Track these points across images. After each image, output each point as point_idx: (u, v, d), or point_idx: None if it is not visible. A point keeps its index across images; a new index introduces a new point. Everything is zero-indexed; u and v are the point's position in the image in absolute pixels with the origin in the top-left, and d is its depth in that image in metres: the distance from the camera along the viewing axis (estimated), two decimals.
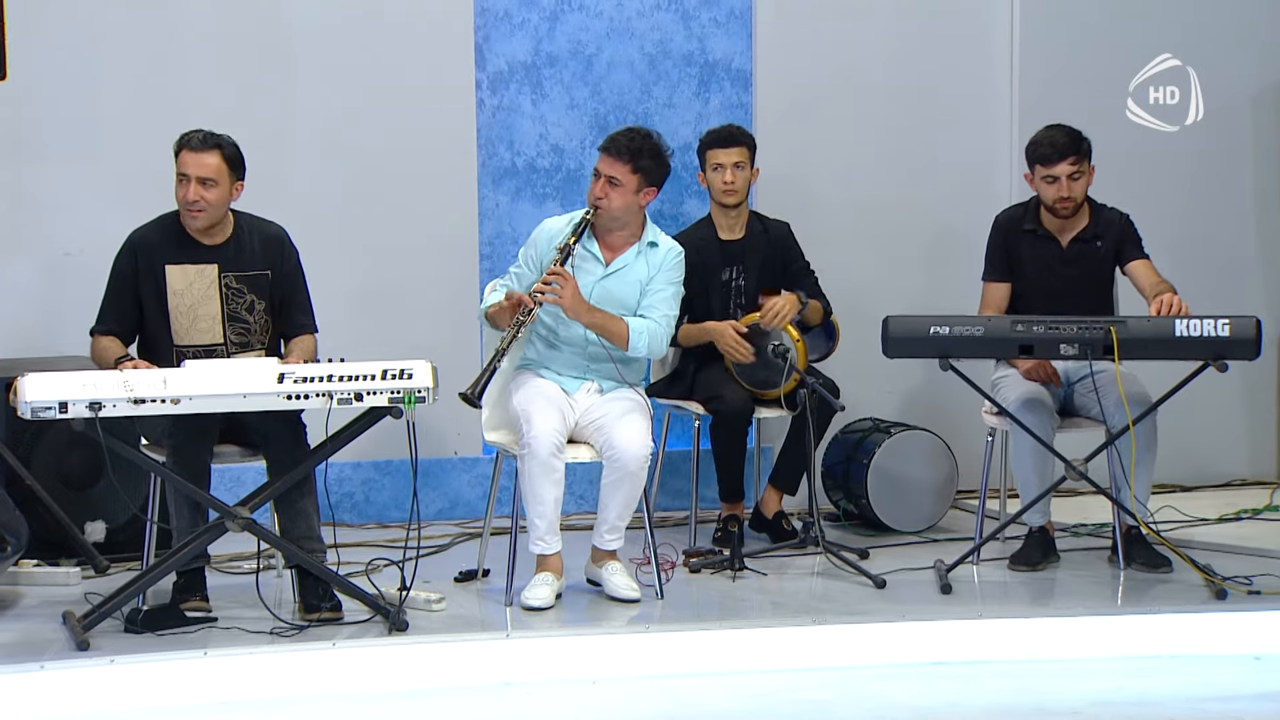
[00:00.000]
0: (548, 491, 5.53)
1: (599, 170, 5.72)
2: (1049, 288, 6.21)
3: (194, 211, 5.48)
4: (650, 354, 5.80)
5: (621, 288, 5.79)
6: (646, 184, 5.73)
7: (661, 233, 5.93)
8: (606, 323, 5.69)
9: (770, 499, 6.57)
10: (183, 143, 5.51)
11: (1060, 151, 6.08)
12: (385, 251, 6.91)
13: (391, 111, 6.88)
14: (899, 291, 7.18)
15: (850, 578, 5.94)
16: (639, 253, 5.81)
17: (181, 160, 5.49)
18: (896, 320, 5.77)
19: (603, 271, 5.77)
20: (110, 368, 5.27)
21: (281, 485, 5.37)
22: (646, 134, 5.76)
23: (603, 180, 5.69)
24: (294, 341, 5.67)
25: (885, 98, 7.35)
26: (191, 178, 5.46)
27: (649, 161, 5.71)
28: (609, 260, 5.80)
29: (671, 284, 5.83)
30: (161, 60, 6.64)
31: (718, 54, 7.23)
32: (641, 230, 5.83)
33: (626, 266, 5.79)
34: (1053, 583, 5.97)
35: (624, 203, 5.71)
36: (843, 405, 6.10)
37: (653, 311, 5.78)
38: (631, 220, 5.78)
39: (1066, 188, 6.10)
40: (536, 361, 5.82)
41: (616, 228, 5.77)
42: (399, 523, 6.73)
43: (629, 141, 5.70)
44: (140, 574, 5.34)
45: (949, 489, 6.78)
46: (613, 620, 5.48)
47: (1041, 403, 6.05)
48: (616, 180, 5.68)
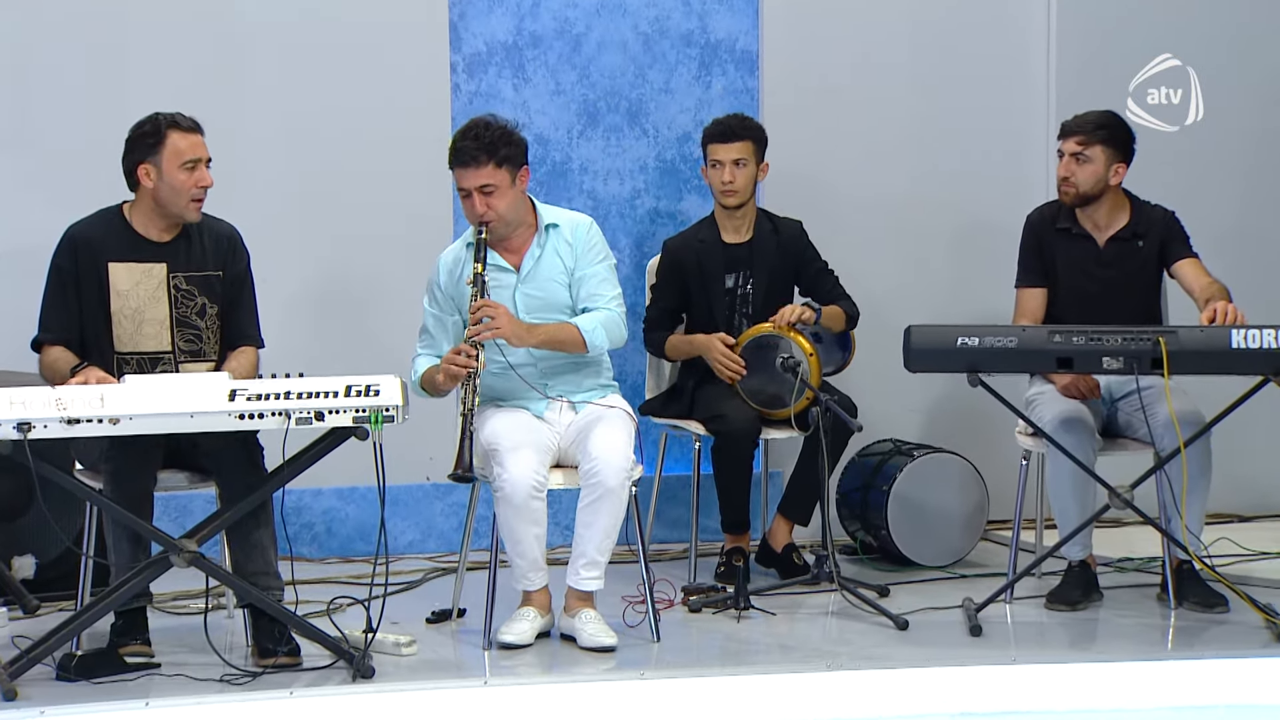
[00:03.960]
0: (526, 531, 5.54)
1: (465, 187, 5.67)
2: (1085, 291, 6.23)
3: (200, 201, 5.50)
4: (612, 345, 5.80)
5: (543, 288, 5.79)
6: (516, 169, 5.71)
7: (555, 208, 5.91)
8: (554, 334, 5.70)
9: (779, 530, 6.56)
10: (171, 124, 5.49)
11: (1072, 127, 6.13)
12: (349, 254, 6.91)
13: (356, 99, 6.88)
14: (922, 298, 7.19)
15: (868, 618, 5.93)
16: (543, 242, 5.80)
17: (181, 144, 5.47)
18: (920, 330, 5.77)
19: (515, 279, 5.78)
20: (64, 381, 5.27)
21: (233, 515, 5.36)
22: (485, 124, 5.70)
23: (475, 195, 5.66)
24: (233, 354, 5.65)
25: (907, 83, 7.36)
26: (203, 160, 5.48)
27: (505, 149, 5.67)
28: (517, 265, 5.80)
29: (599, 261, 5.82)
30: (101, 41, 6.64)
31: (720, 33, 7.23)
32: (534, 216, 5.83)
33: (538, 261, 5.79)
34: (1095, 624, 5.96)
35: (508, 202, 5.69)
36: (860, 425, 6.10)
37: (596, 300, 5.78)
38: (522, 213, 5.78)
39: (1065, 166, 6.15)
40: (492, 392, 5.79)
41: (511, 230, 5.78)
42: (365, 556, 6.73)
43: (474, 142, 5.66)
44: (74, 615, 5.32)
45: (978, 519, 6.78)
46: (603, 666, 5.47)
47: (1082, 422, 6.05)
48: (489, 186, 5.66)
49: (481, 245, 5.65)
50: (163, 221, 5.56)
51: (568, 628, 5.67)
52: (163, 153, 5.48)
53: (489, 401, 5.79)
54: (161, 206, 5.52)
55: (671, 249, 6.65)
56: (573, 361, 5.80)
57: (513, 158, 5.68)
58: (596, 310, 5.76)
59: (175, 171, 5.48)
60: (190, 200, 5.50)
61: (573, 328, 5.71)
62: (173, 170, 5.48)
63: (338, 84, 6.86)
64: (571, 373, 5.82)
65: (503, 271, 5.78)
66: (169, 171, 5.48)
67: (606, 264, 5.85)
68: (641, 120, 7.20)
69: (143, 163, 5.50)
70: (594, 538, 5.61)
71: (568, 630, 5.67)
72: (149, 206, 5.55)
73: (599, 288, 5.79)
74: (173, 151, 5.48)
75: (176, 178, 5.48)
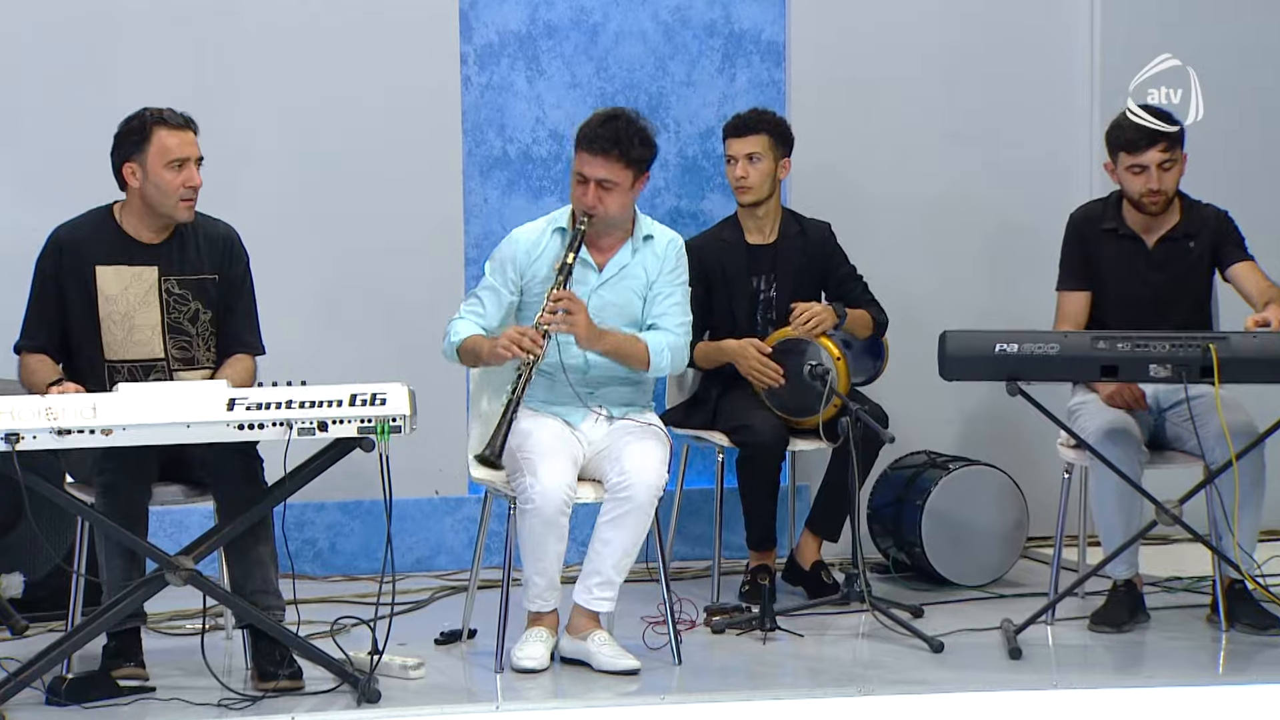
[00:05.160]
0: (550, 548, 5.54)
1: (584, 174, 5.69)
2: (1133, 295, 6.21)
3: (190, 201, 5.50)
4: (673, 371, 5.84)
5: (621, 295, 5.80)
6: (640, 173, 5.73)
7: (654, 222, 5.95)
8: (622, 345, 5.70)
9: (807, 547, 6.56)
10: (157, 120, 5.49)
11: (1149, 136, 6.07)
12: (354, 256, 6.92)
13: (360, 92, 6.89)
14: (959, 303, 7.19)
15: (902, 640, 5.92)
16: (634, 250, 5.82)
17: (167, 141, 5.46)
18: (956, 336, 5.76)
19: (597, 280, 5.79)
20: (42, 392, 5.26)
21: (232, 530, 5.36)
22: (627, 117, 5.73)
23: (593, 185, 5.67)
24: (229, 361, 5.64)
25: (942, 76, 7.35)
26: (191, 159, 5.47)
27: (639, 149, 5.70)
28: (602, 265, 5.81)
29: (678, 285, 5.85)
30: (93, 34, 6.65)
31: (745, 23, 7.24)
32: (633, 223, 5.83)
33: (624, 269, 5.81)
34: (1141, 647, 5.96)
35: (621, 205, 5.73)
36: (892, 436, 6.10)
37: (666, 321, 5.79)
38: (626, 219, 5.80)
39: (1156, 179, 6.09)
40: (528, 398, 5.79)
41: (611, 230, 5.79)
42: (370, 574, 6.74)
43: (611, 132, 5.67)
44: (65, 636, 5.33)
45: (1018, 535, 6.77)
46: (622, 689, 5.47)
47: (1127, 434, 6.04)
48: (610, 182, 5.67)
49: (580, 236, 5.67)
50: (154, 222, 5.55)
51: (576, 651, 5.63)
52: (148, 151, 5.48)
53: (525, 405, 5.75)
54: (150, 207, 5.52)
55: (693, 249, 6.58)
56: (622, 377, 5.79)
57: (642, 160, 5.70)
58: (666, 333, 5.76)
59: (161, 171, 5.47)
60: (179, 200, 5.49)
61: (642, 345, 5.72)
62: (158, 169, 5.47)
63: (341, 76, 6.86)
64: (617, 386, 5.81)
65: (586, 268, 5.77)
66: (155, 170, 5.48)
67: (683, 289, 5.87)
68: (662, 115, 7.20)
69: (128, 161, 5.51)
70: (612, 555, 5.60)
71: (575, 654, 5.63)
72: (138, 207, 5.55)
73: (670, 309, 5.81)
74: (158, 149, 5.47)
75: (162, 177, 5.47)
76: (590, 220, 5.68)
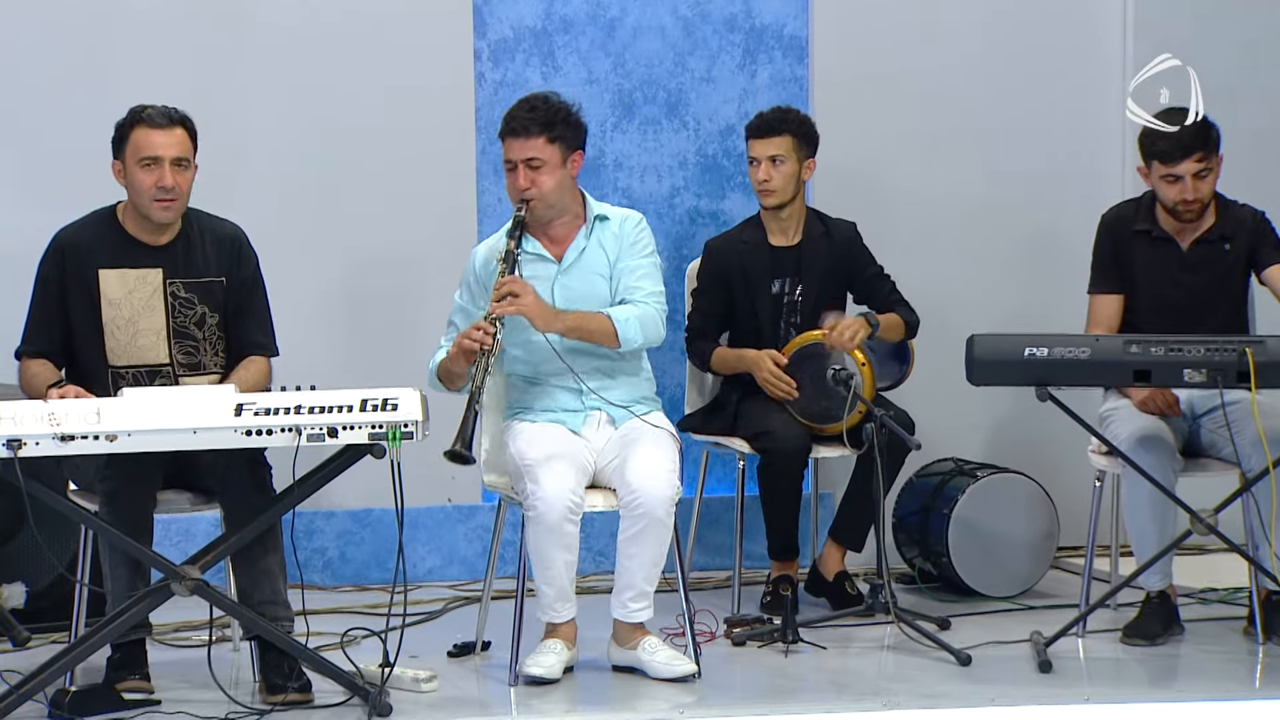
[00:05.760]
0: (557, 557, 5.54)
1: (511, 160, 5.74)
2: (1167, 299, 6.20)
3: (167, 201, 5.49)
4: (647, 342, 5.79)
5: (584, 281, 5.81)
6: (569, 151, 5.76)
7: (606, 204, 5.97)
8: (584, 323, 5.71)
9: (831, 557, 6.55)
10: (136, 118, 5.50)
11: (1184, 147, 6.05)
12: (365, 258, 6.93)
13: (372, 89, 6.90)
14: (987, 306, 7.19)
15: (928, 653, 5.92)
16: (589, 233, 5.83)
17: (140, 140, 5.48)
18: (984, 340, 5.75)
19: (556, 269, 5.80)
20: (42, 397, 5.27)
21: (240, 539, 5.36)
22: (544, 97, 5.81)
23: (521, 168, 5.72)
24: (243, 364, 5.65)
25: (971, 72, 7.35)
26: (165, 160, 5.46)
27: (562, 127, 5.75)
28: (559, 255, 5.82)
29: (644, 255, 5.86)
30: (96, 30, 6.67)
31: (767, 17, 7.23)
32: (583, 207, 5.85)
33: (582, 253, 5.82)
34: (1175, 660, 5.95)
35: (555, 182, 5.74)
36: (918, 443, 6.08)
37: (634, 293, 5.80)
38: (569, 200, 5.82)
39: (1192, 189, 6.08)
40: (524, 407, 5.81)
41: (555, 215, 5.81)
42: (381, 585, 6.75)
43: (529, 113, 5.74)
44: (68, 647, 5.33)
45: (1048, 545, 6.76)
46: (639, 702, 5.46)
47: (1161, 440, 6.03)
48: (537, 160, 5.71)
49: (519, 224, 5.70)
50: (155, 224, 5.55)
51: (628, 660, 5.67)
52: (127, 150, 5.50)
53: (521, 414, 5.78)
54: (135, 207, 5.53)
55: (714, 250, 6.64)
56: (607, 360, 5.79)
57: (567, 138, 5.74)
58: (633, 304, 5.76)
59: (135, 170, 5.49)
60: (152, 201, 5.48)
61: (604, 317, 5.71)
62: (133, 169, 5.49)
63: (349, 73, 6.87)
64: (606, 376, 5.80)
65: (543, 261, 5.79)
66: (130, 170, 5.50)
67: (650, 260, 5.87)
68: (681, 112, 7.20)
69: (115, 160, 5.54)
70: (640, 568, 5.61)
71: (628, 662, 5.68)
72: (134, 207, 5.56)
73: (639, 281, 5.81)
74: (134, 148, 5.49)
75: (136, 176, 5.49)
76: (528, 206, 5.71)
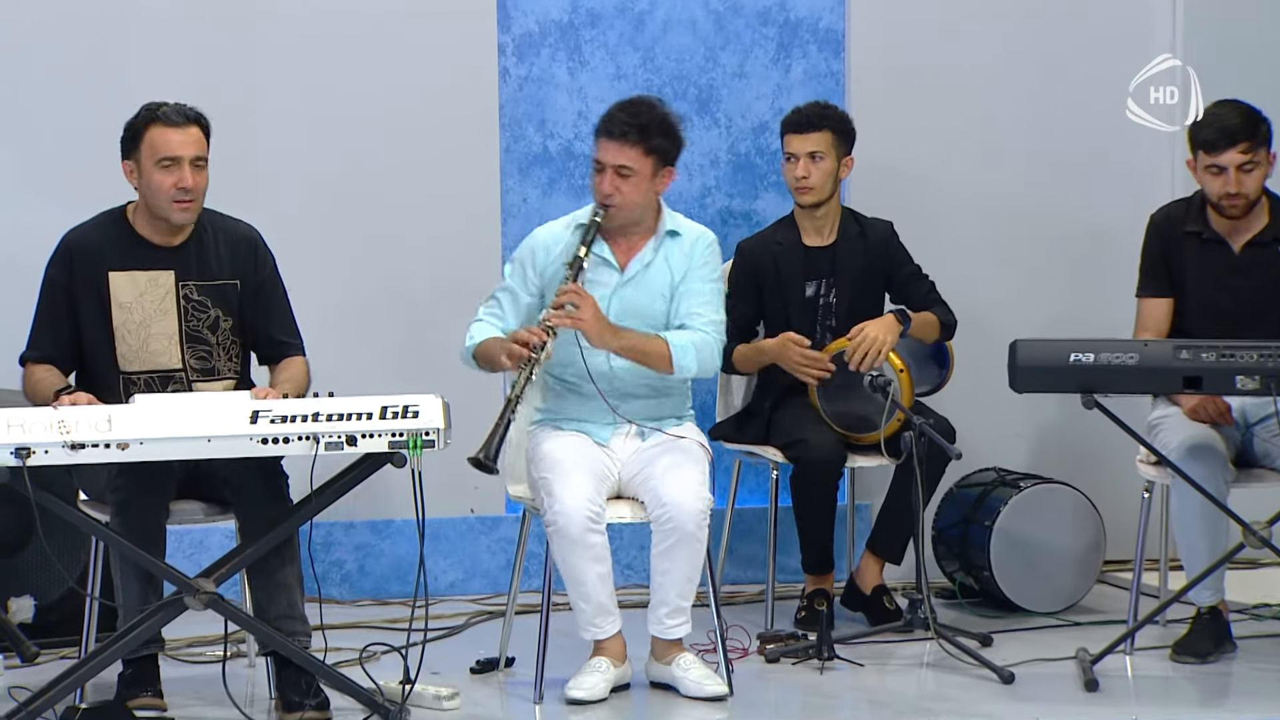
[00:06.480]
0: (587, 569, 5.53)
1: (602, 161, 5.72)
2: (1218, 303, 6.19)
3: (187, 202, 5.50)
4: (700, 373, 5.78)
5: (644, 296, 5.79)
6: (662, 166, 5.74)
7: (682, 217, 5.94)
8: (639, 344, 5.68)
9: (868, 570, 6.55)
10: (152, 117, 5.50)
11: (1229, 135, 6.05)
12: (385, 260, 6.93)
13: (392, 85, 6.90)
14: (1030, 309, 7.18)
15: (969, 670, 5.91)
16: (658, 248, 5.81)
17: (157, 139, 5.47)
18: (1028, 345, 5.75)
19: (619, 279, 5.78)
20: (47, 403, 5.27)
21: (255, 551, 5.36)
22: (651, 104, 5.78)
23: (610, 172, 5.70)
24: (282, 365, 5.67)
25: (1015, 66, 7.34)
26: (184, 160, 5.46)
27: (661, 139, 5.73)
28: (624, 263, 5.80)
29: (710, 280, 5.83)
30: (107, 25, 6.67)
31: (802, 10, 7.23)
32: (657, 219, 5.83)
33: (647, 267, 5.80)
34: (1227, 679, 5.93)
35: (640, 195, 5.73)
36: (959, 452, 6.08)
37: (694, 319, 5.77)
38: (647, 212, 5.78)
39: (1235, 181, 6.07)
40: (553, 413, 5.80)
41: (630, 224, 5.79)
42: (402, 598, 6.76)
43: (633, 118, 5.72)
44: (78, 663, 5.32)
45: (1094, 559, 6.76)
46: None
47: (1212, 450, 6.01)
48: (628, 169, 5.69)
49: (593, 229, 5.68)
50: (164, 224, 5.56)
51: (664, 676, 5.68)
52: (141, 149, 5.50)
53: (548, 422, 5.76)
54: (149, 209, 5.53)
55: (746, 251, 6.63)
56: (650, 386, 5.78)
57: (664, 151, 5.73)
58: (692, 330, 5.74)
59: (152, 170, 5.48)
60: (171, 202, 5.49)
61: (661, 342, 5.69)
62: (150, 169, 5.48)
63: (369, 68, 6.87)
64: (647, 397, 5.79)
65: (607, 267, 5.78)
66: (147, 170, 5.49)
67: (715, 285, 5.85)
68: (712, 108, 7.19)
69: (126, 160, 5.54)
70: (674, 584, 5.61)
71: (663, 679, 5.69)
72: (146, 208, 5.56)
73: (700, 307, 5.78)
74: (150, 148, 5.48)
75: (153, 177, 5.48)
76: (607, 212, 5.69)
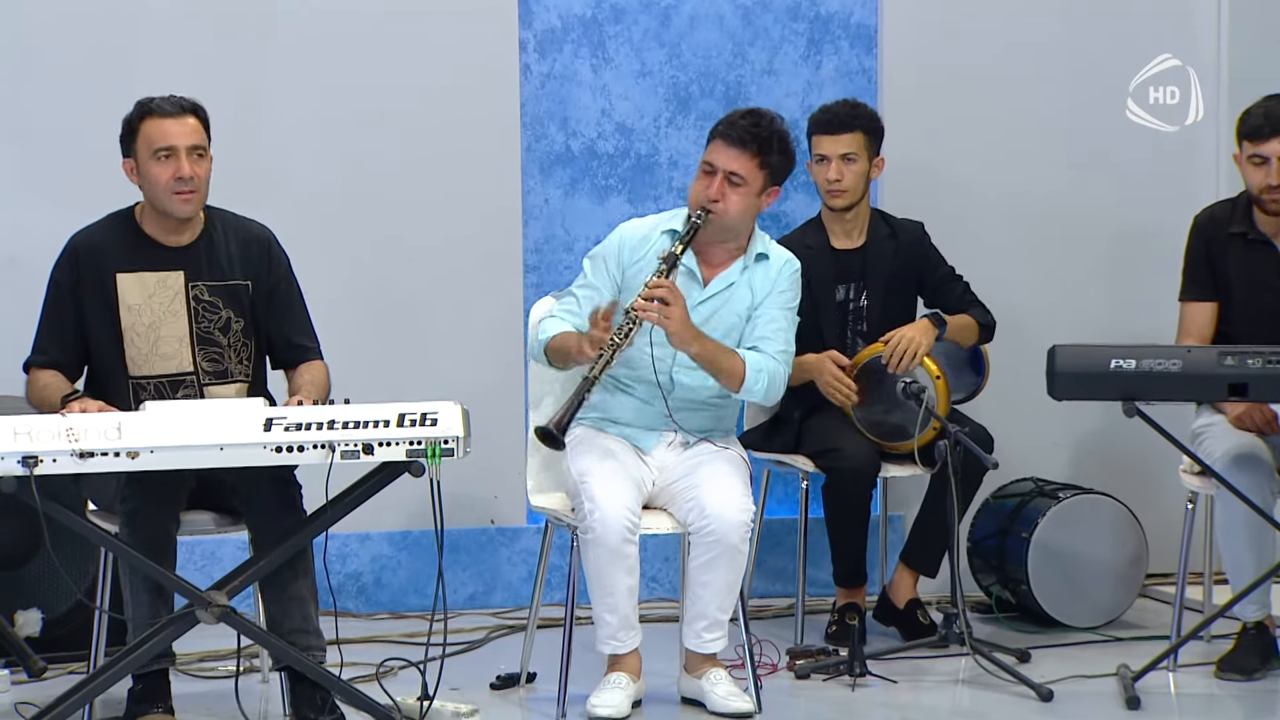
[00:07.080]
0: (619, 581, 5.53)
1: (713, 164, 5.70)
2: (1264, 306, 6.19)
3: (187, 193, 5.49)
4: (766, 400, 5.79)
5: (724, 315, 5.78)
6: (771, 184, 5.74)
7: (771, 241, 5.94)
8: (717, 356, 5.66)
9: (901, 583, 6.55)
10: (145, 110, 5.50)
11: (1275, 122, 6.03)
12: (402, 262, 6.93)
13: (409, 82, 6.90)
14: (1070, 314, 7.19)
15: (1006, 687, 5.90)
16: (744, 268, 5.79)
17: (152, 131, 5.47)
18: (1067, 351, 5.73)
19: (700, 294, 5.76)
20: (53, 410, 5.26)
21: (269, 563, 5.35)
22: (772, 118, 5.77)
23: (720, 177, 5.68)
24: (301, 369, 5.67)
25: (1053, 63, 7.33)
26: (181, 149, 5.46)
27: (778, 156, 5.73)
28: (708, 279, 5.79)
29: (787, 308, 5.83)
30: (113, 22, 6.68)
31: (833, 5, 7.23)
32: (749, 239, 5.80)
33: (731, 287, 5.79)
34: (1273, 696, 5.93)
35: (744, 207, 5.72)
36: (996, 462, 6.06)
37: (767, 344, 5.76)
38: (743, 228, 5.77)
39: (1277, 174, 6.04)
40: (600, 411, 5.78)
41: (725, 238, 5.77)
42: (420, 612, 6.77)
43: (754, 127, 5.70)
44: (87, 678, 5.32)
45: (1135, 572, 6.76)
46: None
47: (1258, 459, 6.00)
48: (738, 178, 5.68)
49: (694, 231, 5.66)
50: (171, 222, 5.55)
51: (692, 690, 5.69)
52: (138, 144, 5.50)
53: (592, 419, 5.75)
54: (153, 204, 5.53)
55: None
56: (709, 402, 5.78)
57: (776, 167, 5.73)
58: (765, 356, 5.73)
59: (150, 163, 5.48)
60: (171, 194, 5.48)
61: (738, 359, 5.68)
62: (147, 162, 5.49)
63: (386, 65, 6.87)
64: (704, 411, 5.80)
65: (690, 279, 5.76)
66: (144, 164, 5.49)
67: (790, 314, 5.84)
68: (740, 106, 7.16)
69: (126, 157, 5.55)
70: (714, 597, 5.61)
71: (691, 693, 5.70)
72: (152, 206, 5.56)
73: (773, 334, 5.77)
74: (145, 141, 5.49)
75: (151, 170, 5.48)
76: (707, 217, 5.67)
